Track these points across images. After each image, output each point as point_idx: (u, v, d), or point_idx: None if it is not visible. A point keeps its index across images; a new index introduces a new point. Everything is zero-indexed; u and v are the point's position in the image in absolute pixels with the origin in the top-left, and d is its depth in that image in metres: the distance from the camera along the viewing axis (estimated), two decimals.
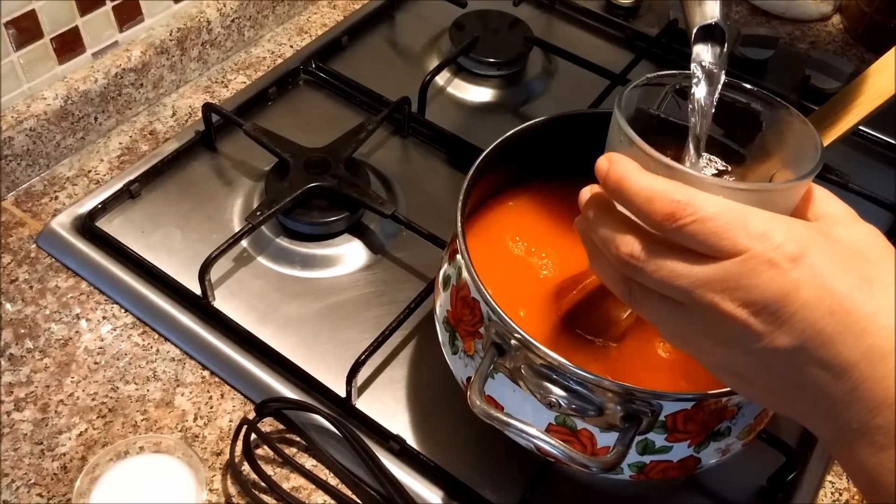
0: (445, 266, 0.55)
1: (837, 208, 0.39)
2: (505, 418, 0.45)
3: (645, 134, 0.39)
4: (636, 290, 0.39)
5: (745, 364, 0.36)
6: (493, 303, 0.47)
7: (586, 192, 0.41)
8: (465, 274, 0.50)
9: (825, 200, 0.39)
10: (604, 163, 0.39)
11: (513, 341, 0.46)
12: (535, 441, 0.44)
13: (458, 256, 0.51)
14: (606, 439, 0.47)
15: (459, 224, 0.51)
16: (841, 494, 0.60)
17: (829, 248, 0.35)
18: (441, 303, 0.54)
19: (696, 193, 0.35)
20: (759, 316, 0.34)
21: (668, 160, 0.37)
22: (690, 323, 0.37)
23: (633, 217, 0.38)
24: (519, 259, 0.58)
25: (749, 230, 0.34)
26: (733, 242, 0.34)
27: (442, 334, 0.54)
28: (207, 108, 0.76)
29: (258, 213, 0.67)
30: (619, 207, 0.39)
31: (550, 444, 0.44)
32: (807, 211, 0.39)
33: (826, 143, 0.51)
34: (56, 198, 0.73)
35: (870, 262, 0.35)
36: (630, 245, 0.37)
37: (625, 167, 0.37)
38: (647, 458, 0.48)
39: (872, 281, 0.34)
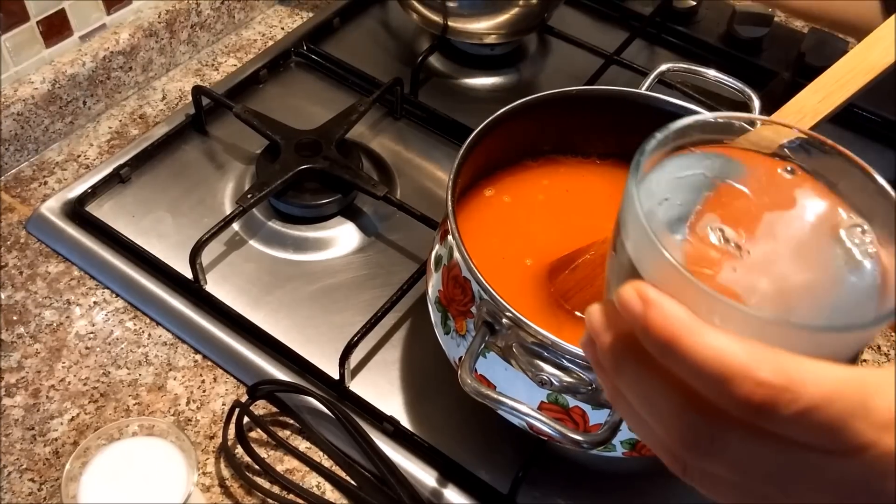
0: (437, 247, 0.54)
1: None
2: (496, 396, 0.44)
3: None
4: (696, 471, 0.28)
5: None
6: (484, 281, 0.47)
7: (597, 315, 0.29)
8: (456, 253, 0.50)
9: None
10: (635, 301, 0.26)
11: (504, 320, 0.46)
12: (526, 419, 0.44)
13: (450, 236, 0.50)
14: (598, 416, 0.47)
15: (450, 203, 0.50)
16: None
17: None
18: (433, 283, 0.54)
19: (790, 366, 0.25)
20: None
21: (725, 299, 0.26)
22: None
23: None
24: (511, 238, 0.58)
25: (872, 417, 0.25)
26: (854, 435, 0.25)
27: (434, 315, 0.54)
28: (197, 91, 0.75)
29: (249, 196, 0.67)
30: None
31: (542, 422, 0.44)
32: None
33: (818, 119, 0.50)
34: (45, 183, 0.73)
35: None
36: (693, 429, 0.27)
37: (674, 321, 0.26)
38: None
39: None
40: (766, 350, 0.25)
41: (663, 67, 0.64)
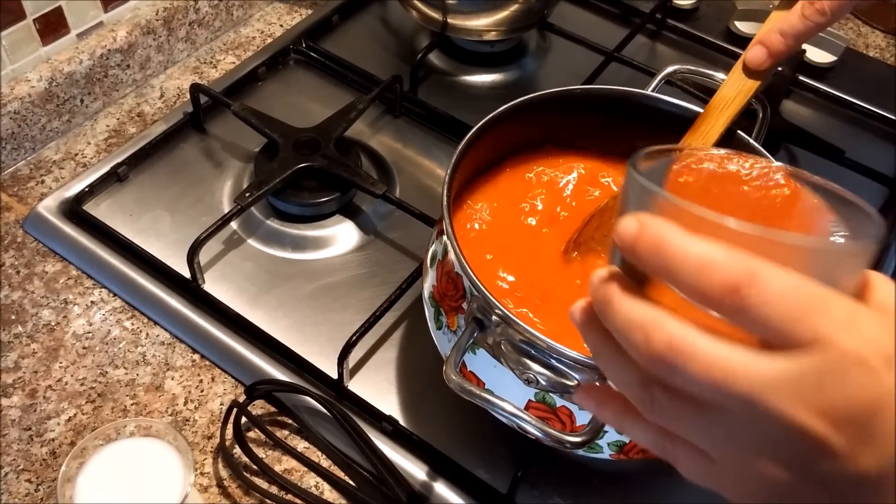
0: (434, 244, 0.54)
1: None
2: (480, 393, 0.44)
3: None
4: (662, 397, 0.29)
5: (801, 490, 0.28)
6: (475, 277, 0.46)
7: (599, 278, 0.31)
8: (449, 249, 0.49)
9: (885, 286, 0.30)
10: (632, 225, 0.28)
11: (493, 317, 0.46)
12: (509, 417, 0.44)
13: (444, 234, 0.50)
14: (585, 417, 0.46)
15: (445, 201, 0.50)
16: None
17: None
18: (429, 280, 0.54)
19: (761, 263, 0.26)
20: (842, 430, 0.26)
21: (712, 214, 0.28)
22: (737, 439, 0.28)
23: (670, 298, 0.29)
24: (507, 235, 0.57)
25: (832, 315, 0.26)
26: (813, 329, 0.26)
27: (428, 310, 0.54)
28: (195, 89, 0.75)
29: (247, 195, 0.67)
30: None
31: (525, 420, 0.43)
32: (864, 297, 0.29)
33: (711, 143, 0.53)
34: (42, 181, 0.72)
35: None
36: (667, 334, 0.27)
37: (664, 229, 0.28)
38: (626, 437, 0.48)
39: None
40: (740, 251, 0.27)
41: (671, 69, 0.63)
